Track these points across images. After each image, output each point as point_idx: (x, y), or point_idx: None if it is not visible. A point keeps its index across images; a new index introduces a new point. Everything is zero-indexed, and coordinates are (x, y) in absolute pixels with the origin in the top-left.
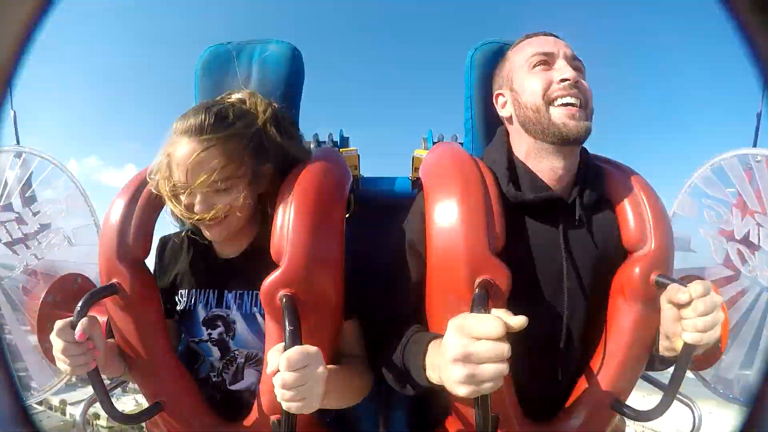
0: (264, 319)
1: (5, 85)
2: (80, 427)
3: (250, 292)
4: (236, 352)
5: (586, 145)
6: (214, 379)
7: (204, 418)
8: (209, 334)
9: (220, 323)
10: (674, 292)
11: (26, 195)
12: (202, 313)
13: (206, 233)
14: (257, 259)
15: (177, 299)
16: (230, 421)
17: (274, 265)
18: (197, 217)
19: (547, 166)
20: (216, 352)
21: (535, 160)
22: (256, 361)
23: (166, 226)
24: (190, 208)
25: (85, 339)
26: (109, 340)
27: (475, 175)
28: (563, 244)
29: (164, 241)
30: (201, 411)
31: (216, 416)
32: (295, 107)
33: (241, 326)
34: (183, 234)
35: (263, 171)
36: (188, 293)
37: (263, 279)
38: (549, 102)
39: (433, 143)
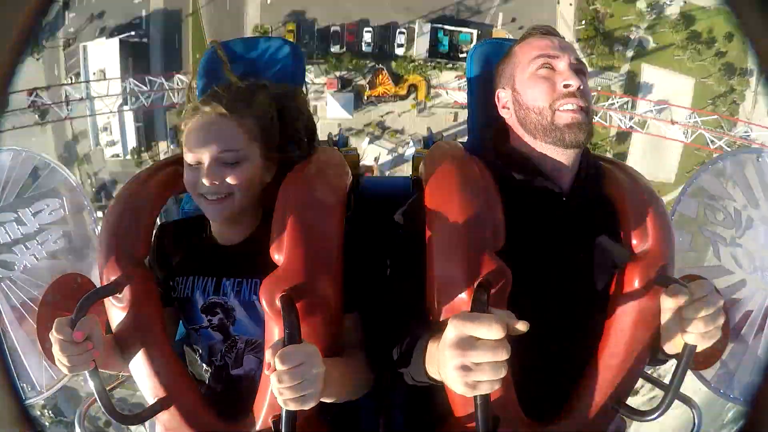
0: None
1: (4, 85)
2: (80, 426)
3: (249, 279)
4: (237, 338)
5: None
6: (217, 364)
7: (204, 416)
8: (209, 320)
9: (219, 310)
10: (675, 292)
11: (25, 195)
12: (200, 301)
13: (207, 212)
14: (257, 248)
15: (174, 286)
16: (231, 416)
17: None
18: (203, 189)
19: (548, 165)
20: (218, 335)
21: (536, 158)
22: (256, 347)
23: None
24: (195, 180)
25: (83, 339)
26: (108, 335)
27: (475, 174)
28: (564, 241)
29: (163, 228)
30: (201, 409)
31: (216, 414)
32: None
33: (240, 313)
34: (183, 221)
35: (271, 159)
36: (186, 280)
37: (262, 268)
38: (552, 106)
39: (433, 142)
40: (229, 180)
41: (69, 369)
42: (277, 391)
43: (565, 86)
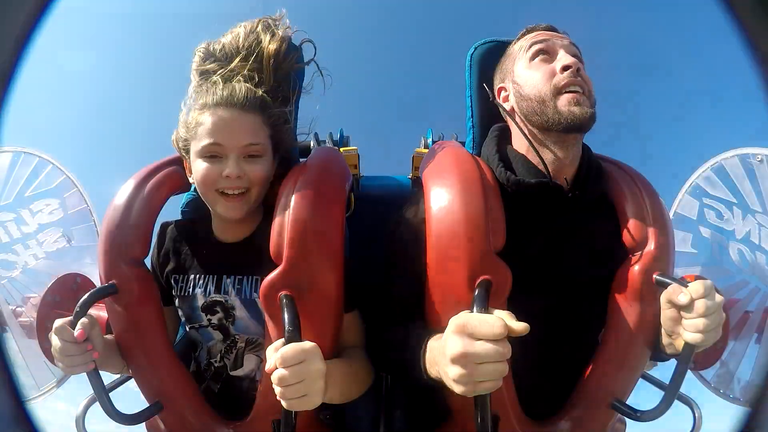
0: None
1: (4, 85)
2: (79, 427)
3: (250, 277)
4: (237, 337)
5: (586, 142)
6: (216, 365)
7: (204, 417)
8: (209, 320)
9: (219, 309)
10: (675, 292)
11: (26, 195)
12: (200, 299)
13: (225, 209)
14: (258, 246)
15: (174, 284)
16: (230, 416)
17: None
18: (225, 183)
19: (550, 157)
20: (218, 335)
21: (538, 152)
22: (257, 346)
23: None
24: (216, 175)
25: (83, 339)
26: (107, 336)
27: (475, 173)
28: (563, 240)
29: (164, 227)
30: (201, 410)
31: (216, 415)
32: (295, 105)
33: (240, 312)
34: (185, 221)
35: (280, 152)
36: (187, 278)
37: (263, 266)
38: (553, 91)
39: (433, 142)
40: (252, 174)
41: (68, 370)
42: (279, 391)
43: (564, 69)
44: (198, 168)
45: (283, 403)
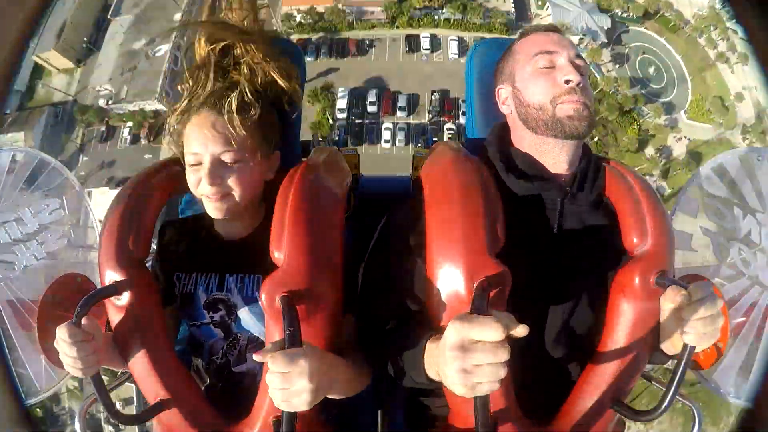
0: None
1: (5, 84)
2: (81, 427)
3: (252, 276)
4: (239, 335)
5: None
6: (218, 362)
7: (205, 417)
8: (211, 317)
9: (221, 307)
10: (674, 293)
11: (26, 195)
12: (202, 297)
13: (209, 209)
14: (259, 244)
15: (176, 283)
16: (232, 414)
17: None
18: (205, 190)
19: (549, 160)
20: (219, 332)
21: (537, 153)
22: (259, 345)
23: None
24: (197, 181)
25: (89, 337)
26: (106, 332)
27: (475, 174)
28: (563, 241)
29: (166, 225)
30: (202, 409)
31: (217, 414)
32: (297, 105)
33: (242, 310)
34: (186, 219)
35: (272, 156)
36: (189, 276)
37: (265, 264)
38: (553, 102)
39: (434, 142)
40: (230, 181)
41: (83, 371)
42: (272, 394)
43: (566, 82)
44: (186, 173)
45: (275, 404)
